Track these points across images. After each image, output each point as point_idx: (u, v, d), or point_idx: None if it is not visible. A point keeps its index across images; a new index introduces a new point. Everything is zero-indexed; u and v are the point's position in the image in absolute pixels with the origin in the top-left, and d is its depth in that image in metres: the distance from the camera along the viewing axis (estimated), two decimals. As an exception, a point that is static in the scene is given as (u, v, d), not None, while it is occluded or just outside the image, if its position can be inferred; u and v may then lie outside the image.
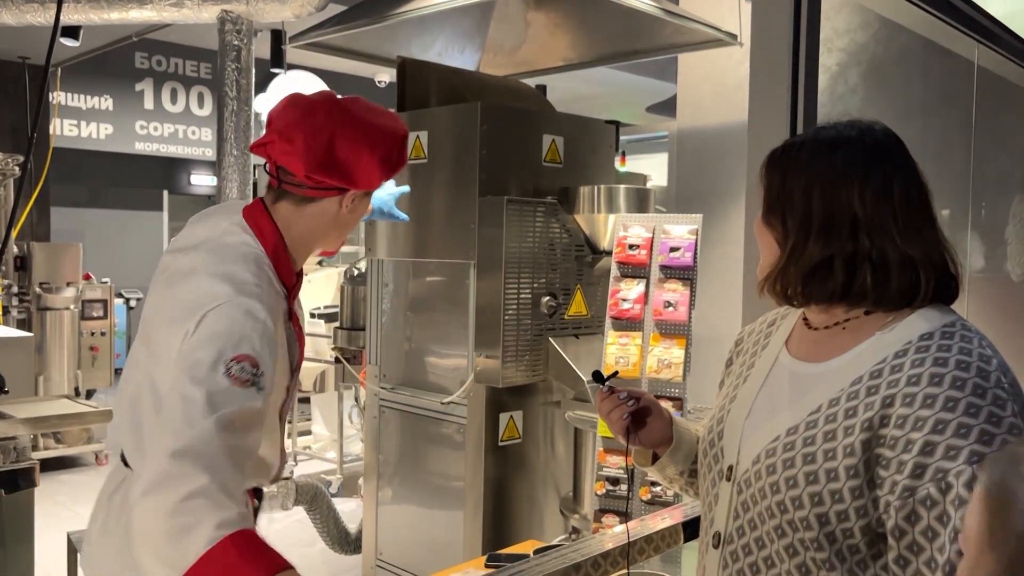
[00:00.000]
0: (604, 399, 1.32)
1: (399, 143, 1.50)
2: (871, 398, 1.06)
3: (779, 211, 1.18)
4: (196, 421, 1.21)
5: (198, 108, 9.70)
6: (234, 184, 3.34)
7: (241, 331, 1.29)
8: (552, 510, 3.38)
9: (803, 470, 1.08)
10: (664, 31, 3.56)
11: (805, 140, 1.21)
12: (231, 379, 1.24)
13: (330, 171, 1.43)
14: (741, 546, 1.16)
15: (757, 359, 1.28)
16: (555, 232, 3.22)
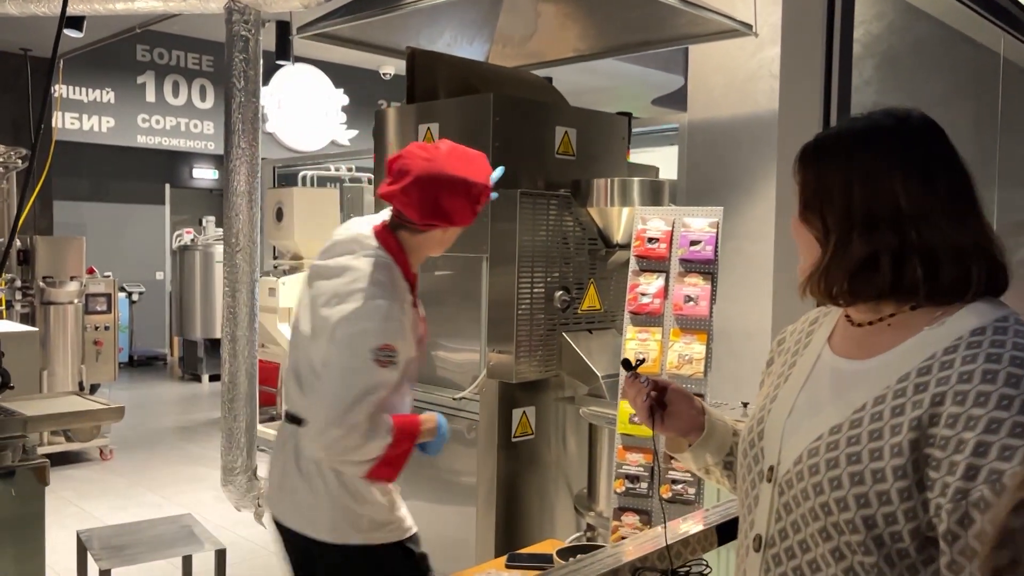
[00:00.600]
0: (629, 385, 1.35)
1: (486, 188, 2.07)
2: (919, 396, 1.02)
3: (817, 208, 1.14)
4: (356, 386, 1.87)
5: (200, 101, 9.64)
6: (242, 177, 3.29)
7: (384, 327, 1.90)
8: (564, 507, 3.34)
9: (847, 470, 1.04)
10: (678, 21, 3.51)
11: (839, 132, 1.17)
12: (378, 363, 1.87)
13: (437, 219, 2.01)
14: (784, 549, 1.11)
15: (799, 357, 1.24)
16: (568, 225, 3.18)
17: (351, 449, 1.88)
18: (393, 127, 3.45)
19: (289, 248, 6.74)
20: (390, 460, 1.94)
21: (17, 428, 2.04)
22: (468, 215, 2.03)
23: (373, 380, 1.88)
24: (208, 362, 9.19)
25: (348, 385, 1.86)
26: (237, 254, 3.31)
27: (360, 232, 2.07)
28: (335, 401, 1.85)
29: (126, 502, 5.02)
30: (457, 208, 2.00)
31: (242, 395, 3.35)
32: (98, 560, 2.31)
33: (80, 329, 5.79)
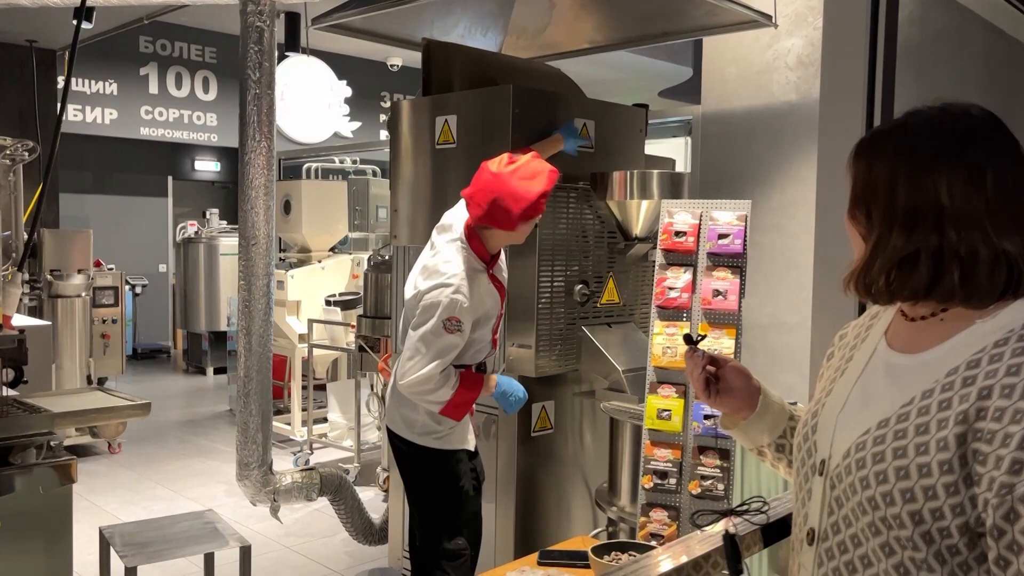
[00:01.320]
0: (689, 358, 1.38)
1: (536, 204, 2.47)
2: (967, 389, 1.01)
3: (864, 204, 1.12)
4: (432, 346, 2.45)
5: (203, 93, 9.59)
6: (258, 170, 3.26)
7: (453, 302, 2.43)
8: (580, 502, 3.33)
9: (893, 464, 1.03)
10: (696, 12, 3.48)
11: (893, 127, 1.15)
12: (447, 330, 2.44)
13: (488, 221, 2.48)
14: (836, 543, 1.11)
15: (856, 351, 1.23)
16: (587, 218, 3.15)
17: (424, 394, 2.46)
18: (409, 119, 3.43)
19: (297, 241, 6.71)
20: (456, 405, 2.49)
21: (44, 425, 2.02)
22: (513, 222, 2.45)
23: (442, 343, 2.43)
24: (213, 355, 9.16)
25: (426, 343, 2.43)
26: (252, 247, 3.29)
27: (456, 219, 2.61)
28: (415, 354, 2.45)
29: (137, 496, 5.00)
30: (501, 216, 2.44)
31: (257, 389, 3.33)
32: (123, 557, 2.29)
33: (88, 322, 5.76)
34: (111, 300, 6.15)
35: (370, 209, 7.20)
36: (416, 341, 2.46)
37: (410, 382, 2.46)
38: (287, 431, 6.12)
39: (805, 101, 3.81)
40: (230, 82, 9.50)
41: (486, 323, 2.57)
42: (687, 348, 1.41)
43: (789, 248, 3.83)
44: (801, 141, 3.83)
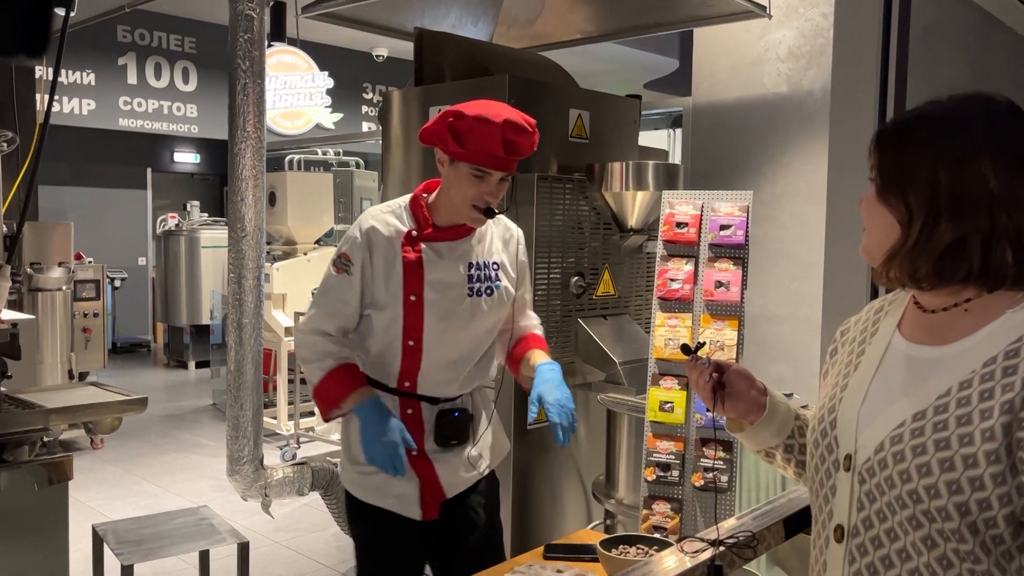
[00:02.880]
0: (691, 369, 1.34)
1: (478, 124, 1.95)
2: (1009, 379, 1.01)
3: (900, 191, 1.11)
4: (318, 292, 2.11)
5: (183, 83, 9.46)
6: (247, 161, 3.21)
7: (346, 239, 2.07)
8: (575, 494, 3.32)
9: (936, 457, 1.03)
10: (689, 3, 3.47)
11: (922, 116, 1.13)
12: (335, 267, 2.06)
13: (425, 137, 2.04)
14: (869, 539, 1.10)
15: (867, 346, 1.22)
16: (583, 210, 3.13)
17: (299, 357, 2.14)
18: (400, 110, 3.39)
19: (282, 233, 6.64)
20: (318, 393, 2.07)
21: (39, 421, 1.98)
22: (447, 140, 1.95)
23: (326, 284, 2.09)
24: (194, 349, 9.07)
25: (317, 292, 2.11)
26: (243, 240, 3.23)
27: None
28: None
29: (122, 492, 4.93)
30: (438, 131, 1.97)
31: (248, 383, 3.28)
32: (119, 555, 2.25)
33: (69, 316, 5.67)
34: (92, 293, 6.06)
35: (355, 201, 7.14)
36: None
37: (295, 339, 2.17)
38: (273, 425, 6.07)
39: (796, 92, 3.81)
40: (210, 72, 9.38)
41: (388, 307, 2.04)
42: (687, 359, 1.36)
43: (780, 239, 3.84)
44: (792, 133, 3.83)
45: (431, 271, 2.04)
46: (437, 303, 2.03)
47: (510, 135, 1.95)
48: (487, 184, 1.97)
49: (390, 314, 2.03)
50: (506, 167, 1.98)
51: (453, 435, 2.12)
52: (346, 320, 2.07)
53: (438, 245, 2.06)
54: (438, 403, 2.11)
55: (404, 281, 2.02)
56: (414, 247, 2.05)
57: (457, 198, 2.00)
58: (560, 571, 1.77)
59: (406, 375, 2.07)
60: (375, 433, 1.96)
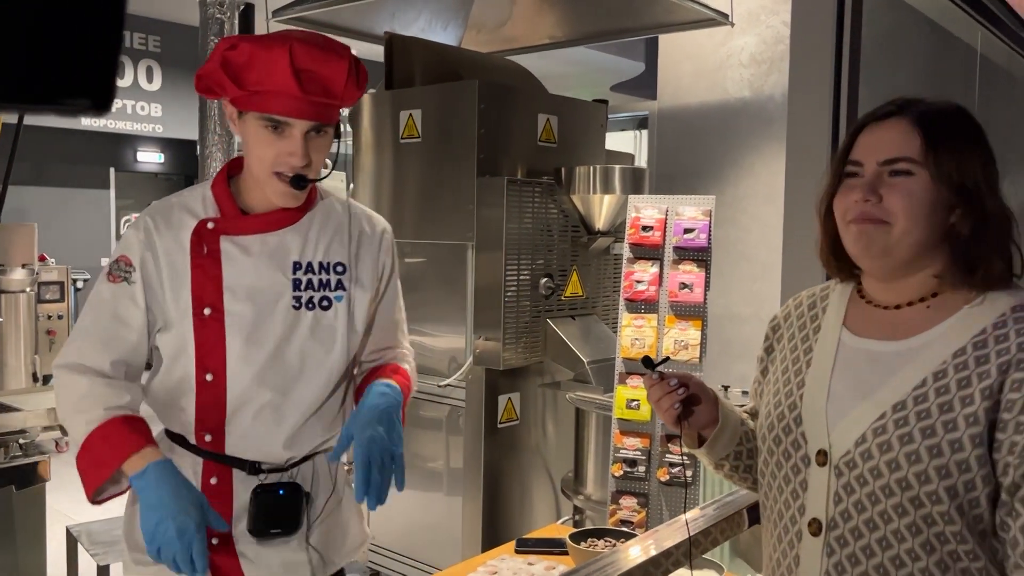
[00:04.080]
0: (654, 385, 1.26)
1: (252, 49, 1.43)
2: (983, 367, 1.08)
3: (960, 184, 1.13)
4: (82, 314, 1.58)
5: (147, 83, 9.38)
6: (218, 163, 3.23)
7: (123, 241, 1.55)
8: (544, 491, 3.38)
9: (924, 444, 1.08)
10: (654, 10, 3.55)
11: (958, 114, 1.18)
12: (109, 276, 1.52)
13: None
14: (849, 530, 1.14)
15: (814, 343, 1.26)
16: (552, 213, 3.20)
17: (56, 391, 1.52)
18: (371, 113, 3.42)
19: (248, 234, 6.62)
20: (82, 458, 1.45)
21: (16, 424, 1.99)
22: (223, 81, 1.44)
23: (96, 298, 1.51)
24: (159, 350, 8.99)
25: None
26: (214, 242, 3.25)
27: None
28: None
29: (88, 495, 4.90)
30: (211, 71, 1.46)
31: (219, 385, 3.30)
32: (95, 556, 2.27)
33: (33, 318, 5.62)
34: (56, 295, 6.01)
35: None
36: None
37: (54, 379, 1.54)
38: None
39: (758, 97, 3.92)
40: (175, 71, 9.30)
41: (175, 326, 1.50)
42: (647, 375, 1.27)
43: (741, 241, 3.94)
44: (753, 137, 3.93)
45: (232, 273, 1.50)
46: (242, 317, 1.49)
47: (304, 63, 1.41)
48: (286, 140, 1.44)
49: (178, 336, 1.49)
50: (309, 112, 1.43)
51: (276, 522, 1.52)
52: (127, 351, 1.49)
53: (244, 239, 1.52)
54: (258, 472, 1.52)
55: (194, 288, 1.48)
56: (209, 241, 1.50)
57: (254, 166, 1.48)
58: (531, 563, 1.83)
59: (205, 425, 1.50)
60: (163, 513, 1.35)
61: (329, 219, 1.60)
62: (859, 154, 1.17)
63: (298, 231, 1.56)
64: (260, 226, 1.53)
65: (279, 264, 1.53)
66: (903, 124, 1.15)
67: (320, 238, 1.57)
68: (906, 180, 1.13)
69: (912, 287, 1.18)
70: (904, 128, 1.14)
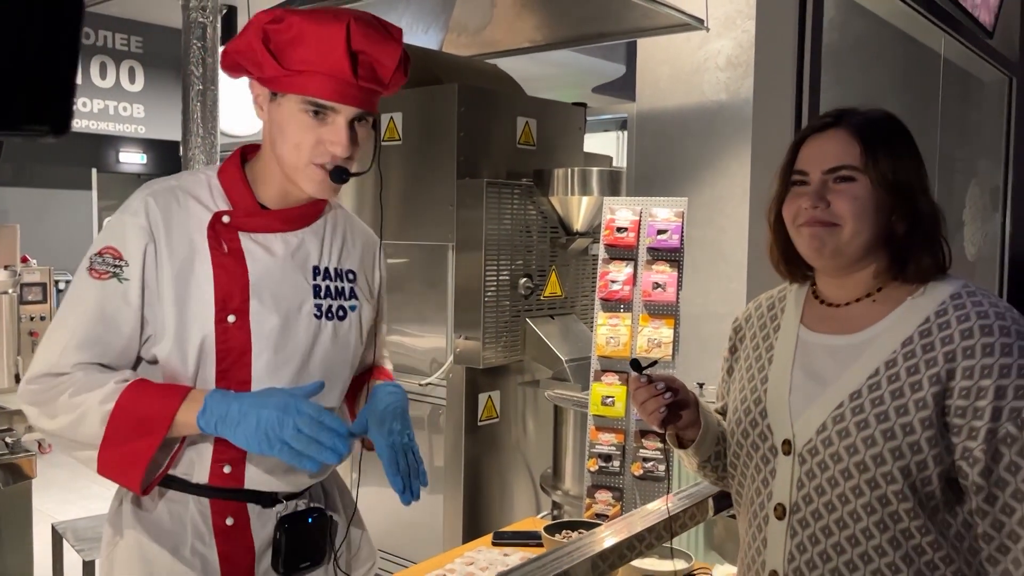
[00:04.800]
0: (640, 388, 1.28)
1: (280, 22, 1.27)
2: (929, 355, 1.16)
3: (898, 188, 1.21)
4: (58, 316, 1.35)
5: (129, 83, 9.36)
6: (200, 164, 3.27)
7: (110, 228, 1.34)
8: (524, 487, 3.44)
9: (879, 428, 1.15)
10: (631, 15, 3.62)
11: (890, 120, 1.26)
12: (92, 272, 1.29)
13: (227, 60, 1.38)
14: (810, 513, 1.22)
15: (775, 341, 1.34)
16: (531, 214, 3.26)
17: (29, 403, 1.28)
18: (353, 116, 3.47)
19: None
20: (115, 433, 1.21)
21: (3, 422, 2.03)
22: (261, 59, 1.28)
23: (76, 297, 1.28)
24: (142, 351, 8.98)
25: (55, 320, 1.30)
26: (197, 243, 3.28)
27: None
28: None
29: (72, 495, 4.93)
30: (246, 46, 1.29)
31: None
32: (80, 552, 2.31)
33: (15, 319, 5.61)
34: (39, 296, 6.00)
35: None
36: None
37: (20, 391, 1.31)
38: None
39: (734, 100, 3.99)
40: (157, 72, 9.29)
41: (189, 339, 1.29)
42: (633, 376, 1.28)
43: (718, 241, 4.01)
44: (730, 139, 4.00)
45: (258, 275, 1.33)
46: (269, 327, 1.32)
47: (360, 44, 1.26)
48: (329, 127, 1.29)
49: (192, 350, 1.27)
50: (358, 98, 1.29)
51: (304, 553, 1.38)
52: (112, 357, 1.28)
53: (264, 237, 1.36)
54: (275, 503, 1.36)
55: (217, 292, 1.29)
56: (227, 237, 1.32)
57: (288, 154, 1.31)
58: (507, 555, 1.88)
59: (225, 454, 1.29)
60: (254, 414, 1.17)
61: (337, 224, 1.47)
62: (804, 164, 1.25)
63: (316, 233, 1.41)
64: (281, 224, 1.37)
65: (301, 268, 1.37)
66: (843, 134, 1.23)
67: (334, 242, 1.44)
68: (850, 186, 1.21)
69: (859, 284, 1.26)
70: (844, 138, 1.22)
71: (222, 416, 1.19)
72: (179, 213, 1.31)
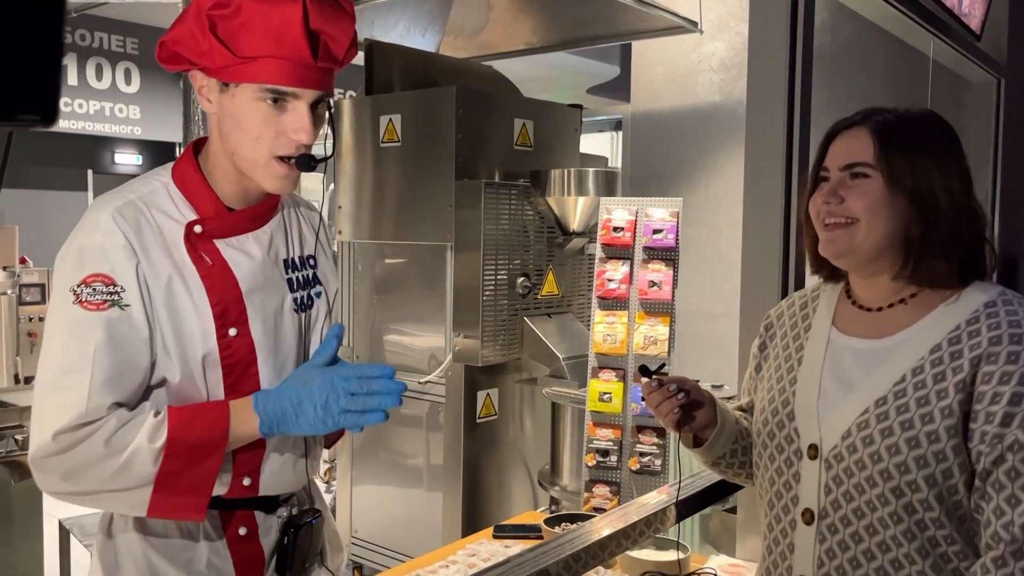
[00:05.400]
0: (653, 392, 1.29)
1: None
2: (957, 362, 1.15)
3: (916, 188, 1.19)
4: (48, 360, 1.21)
5: (125, 85, 9.39)
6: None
7: (80, 252, 1.21)
8: (522, 483, 3.49)
9: (903, 436, 1.15)
10: (626, 18, 3.67)
11: (919, 121, 1.24)
12: (81, 304, 1.17)
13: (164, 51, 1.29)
14: (839, 519, 1.21)
15: (805, 341, 1.33)
16: (528, 214, 3.31)
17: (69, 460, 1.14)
18: (351, 117, 3.51)
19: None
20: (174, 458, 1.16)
21: (13, 419, 2.07)
22: (208, 45, 1.19)
23: (74, 333, 1.16)
24: (139, 352, 9.00)
25: (40, 370, 1.19)
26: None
27: None
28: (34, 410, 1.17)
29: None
30: (187, 33, 1.21)
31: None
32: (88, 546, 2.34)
33: (14, 320, 5.65)
34: (38, 297, 6.04)
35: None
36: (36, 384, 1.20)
37: (31, 458, 1.17)
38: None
39: (728, 101, 4.04)
40: (153, 74, 9.33)
41: (189, 359, 1.24)
42: (644, 380, 1.28)
43: (713, 241, 4.07)
44: (724, 140, 4.06)
45: (245, 282, 1.28)
46: (266, 331, 1.30)
47: (319, 22, 1.18)
48: (291, 114, 1.21)
49: (198, 368, 1.24)
50: (318, 80, 1.21)
51: (307, 555, 1.38)
52: (133, 392, 1.20)
53: (240, 240, 1.30)
54: (276, 506, 1.35)
55: (213, 306, 1.25)
56: (205, 248, 1.26)
57: (246, 148, 1.22)
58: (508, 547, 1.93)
59: (244, 466, 1.28)
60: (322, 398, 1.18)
61: (288, 209, 1.40)
62: (828, 161, 1.26)
63: (279, 225, 1.35)
64: (250, 223, 1.29)
65: (275, 264, 1.33)
66: (863, 132, 1.23)
67: (291, 231, 1.39)
68: (863, 182, 1.21)
69: (889, 287, 1.24)
70: (863, 136, 1.22)
71: (279, 418, 1.20)
72: (150, 228, 1.23)
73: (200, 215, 1.26)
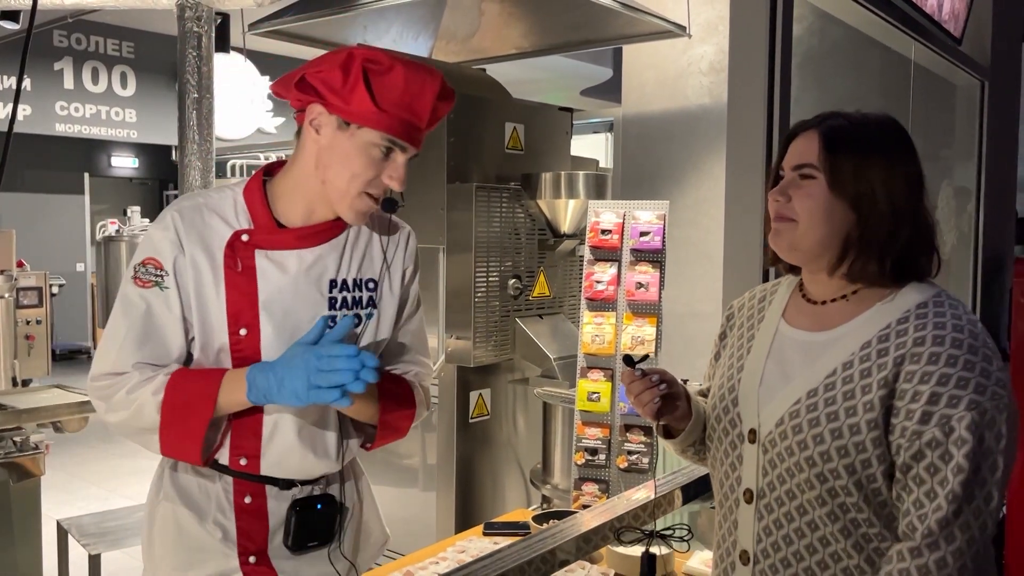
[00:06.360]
0: (634, 381, 1.34)
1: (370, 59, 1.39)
2: (883, 359, 1.21)
3: (856, 189, 1.24)
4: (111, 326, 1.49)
5: (121, 88, 9.42)
6: (197, 172, 3.36)
7: (147, 242, 1.48)
8: (513, 482, 3.54)
9: (828, 427, 1.22)
10: (616, 22, 3.71)
11: (865, 124, 1.28)
12: (136, 280, 1.45)
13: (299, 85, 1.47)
14: (774, 498, 1.29)
15: (756, 331, 1.40)
16: (519, 217, 3.35)
17: (104, 411, 1.45)
18: (346, 122, 3.55)
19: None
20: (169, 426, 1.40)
21: (12, 421, 2.11)
22: (350, 92, 1.38)
23: (127, 306, 1.43)
24: (136, 355, 9.02)
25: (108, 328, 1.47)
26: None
27: None
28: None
29: (70, 496, 5.00)
30: (334, 78, 1.39)
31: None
32: (86, 545, 2.39)
33: (12, 323, 5.68)
34: (35, 300, 6.07)
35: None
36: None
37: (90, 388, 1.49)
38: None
39: (717, 104, 4.08)
40: (149, 77, 9.36)
41: (208, 346, 1.47)
42: (626, 370, 1.34)
43: (703, 242, 4.11)
44: (713, 142, 4.10)
45: (268, 291, 1.45)
46: (277, 338, 1.44)
47: (441, 98, 1.45)
48: (391, 164, 1.43)
49: (213, 355, 1.46)
50: (419, 141, 1.46)
51: (313, 534, 1.52)
52: (163, 356, 1.45)
53: (280, 254, 1.47)
54: (291, 487, 1.51)
55: (229, 307, 1.44)
56: (244, 255, 1.45)
57: (341, 180, 1.42)
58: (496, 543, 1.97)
59: (241, 449, 1.46)
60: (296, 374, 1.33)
61: (360, 236, 1.55)
62: (784, 160, 1.32)
63: (335, 247, 1.50)
64: (297, 241, 1.47)
65: (316, 283, 1.48)
66: (813, 135, 1.29)
67: (355, 254, 1.53)
68: (810, 183, 1.27)
69: (835, 284, 1.31)
70: (813, 138, 1.28)
71: (266, 390, 1.37)
72: (202, 229, 1.45)
73: (254, 226, 1.47)
